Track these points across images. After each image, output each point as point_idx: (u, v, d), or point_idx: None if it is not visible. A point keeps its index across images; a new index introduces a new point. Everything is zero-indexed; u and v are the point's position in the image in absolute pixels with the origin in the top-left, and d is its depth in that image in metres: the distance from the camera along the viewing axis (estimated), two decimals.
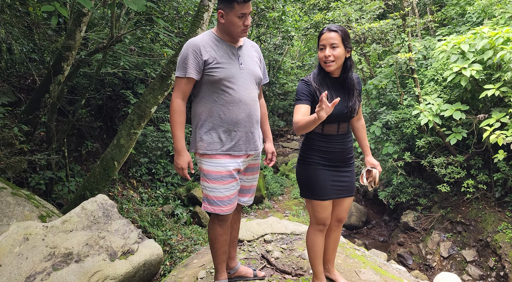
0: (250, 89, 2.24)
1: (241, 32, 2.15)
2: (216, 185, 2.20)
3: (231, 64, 2.17)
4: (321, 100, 1.90)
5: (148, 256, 2.86)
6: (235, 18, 2.09)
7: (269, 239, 3.39)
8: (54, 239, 2.64)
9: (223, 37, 2.21)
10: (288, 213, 8.70)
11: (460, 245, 6.46)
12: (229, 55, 2.19)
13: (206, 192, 2.23)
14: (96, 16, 6.96)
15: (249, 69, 2.24)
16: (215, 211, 2.22)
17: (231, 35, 2.18)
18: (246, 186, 2.45)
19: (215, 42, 2.18)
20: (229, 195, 2.23)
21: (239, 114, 2.19)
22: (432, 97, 6.53)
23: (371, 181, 2.50)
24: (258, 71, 2.31)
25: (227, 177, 2.21)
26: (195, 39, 2.16)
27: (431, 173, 7.17)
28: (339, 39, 2.20)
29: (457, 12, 8.06)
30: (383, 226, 8.70)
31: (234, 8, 2.06)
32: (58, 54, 5.22)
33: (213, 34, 2.21)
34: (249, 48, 2.34)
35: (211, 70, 2.12)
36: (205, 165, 2.20)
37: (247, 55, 2.28)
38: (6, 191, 3.56)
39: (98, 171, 5.02)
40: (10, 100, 5.88)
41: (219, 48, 2.17)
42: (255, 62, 2.32)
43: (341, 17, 8.53)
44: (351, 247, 3.49)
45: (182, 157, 2.16)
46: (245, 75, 2.21)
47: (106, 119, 7.77)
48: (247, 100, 2.21)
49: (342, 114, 2.31)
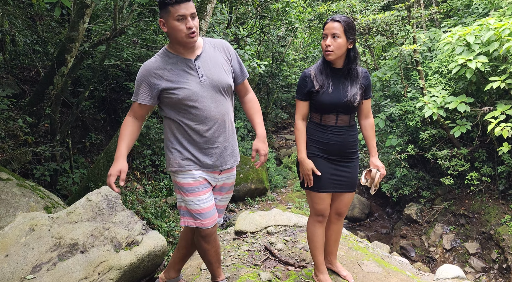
0: (217, 102, 2.10)
1: (186, 37, 1.96)
2: (192, 197, 2.12)
3: (189, 82, 2.03)
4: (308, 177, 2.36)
5: (153, 247, 2.89)
6: (174, 22, 1.93)
7: (272, 231, 3.41)
8: (60, 230, 2.67)
9: (176, 50, 2.06)
10: (291, 205, 8.74)
11: (463, 238, 6.47)
12: (186, 71, 2.05)
13: (184, 205, 2.16)
14: (99, 8, 6.94)
15: (212, 79, 2.08)
16: (196, 225, 2.14)
17: (180, 43, 2.01)
18: (220, 205, 2.34)
19: (169, 60, 2.05)
20: (206, 207, 2.13)
21: (207, 132, 2.09)
22: (436, 90, 6.48)
23: (370, 182, 2.42)
24: (225, 78, 2.13)
25: (202, 187, 2.14)
26: (148, 64, 2.06)
27: (435, 166, 7.16)
28: (341, 30, 2.22)
29: (463, 3, 7.96)
30: (386, 218, 8.72)
31: (170, 12, 1.92)
32: (61, 46, 5.21)
33: (166, 52, 2.08)
34: (211, 52, 2.14)
35: (169, 93, 2.02)
36: (178, 178, 2.14)
37: (209, 63, 2.10)
38: (11, 182, 3.59)
39: (102, 162, 5.05)
40: (14, 92, 5.90)
41: (173, 67, 2.04)
42: (220, 66, 2.13)
43: (345, 8, 8.46)
44: (354, 239, 3.51)
45: (116, 164, 2.02)
46: (208, 89, 2.07)
47: (109, 111, 7.79)
48: (214, 116, 2.09)
49: (340, 103, 2.30)
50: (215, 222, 2.18)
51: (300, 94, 2.40)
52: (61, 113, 6.51)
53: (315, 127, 2.41)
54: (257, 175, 8.78)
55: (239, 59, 2.26)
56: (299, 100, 2.42)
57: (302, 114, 2.42)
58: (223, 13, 6.87)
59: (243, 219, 3.60)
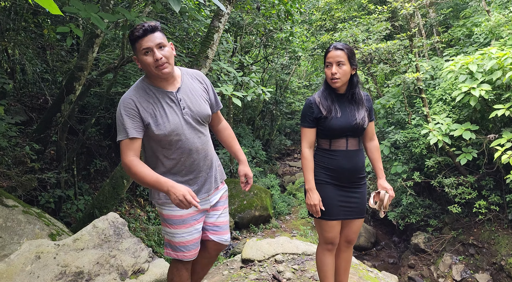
0: (199, 133, 2.09)
1: (157, 69, 1.91)
2: (178, 229, 2.09)
3: (173, 114, 1.99)
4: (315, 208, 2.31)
5: (159, 275, 2.82)
6: (142, 57, 1.90)
7: (280, 259, 3.34)
8: (66, 258, 2.62)
9: (156, 83, 2.01)
10: (295, 233, 8.60)
11: (473, 268, 6.31)
12: (168, 104, 1.99)
13: (168, 237, 2.14)
14: (108, 37, 7.12)
15: (193, 111, 2.05)
16: (178, 257, 2.13)
17: (154, 76, 1.97)
18: (223, 221, 2.31)
19: (150, 93, 1.99)
20: (192, 239, 2.12)
21: (192, 163, 2.07)
22: (441, 117, 6.52)
23: (380, 205, 2.38)
24: (205, 109, 2.11)
25: (189, 219, 2.10)
26: (128, 96, 1.97)
27: (441, 193, 7.08)
28: (345, 57, 2.26)
29: (464, 33, 8.13)
30: (392, 247, 8.55)
31: (136, 48, 1.91)
32: (70, 74, 5.31)
33: (146, 84, 2.01)
34: (189, 83, 2.12)
35: (153, 127, 1.95)
36: (165, 210, 2.09)
37: (189, 95, 2.07)
38: (17, 209, 3.56)
39: (107, 189, 5.03)
40: (22, 119, 5.96)
41: (155, 100, 1.98)
42: (199, 98, 2.11)
43: (348, 37, 8.64)
44: (364, 269, 3.43)
45: (179, 187, 1.86)
46: (190, 121, 2.04)
47: (114, 138, 7.80)
48: (198, 147, 2.07)
49: (349, 126, 2.31)
50: (196, 255, 2.19)
51: (306, 122, 2.38)
52: (67, 140, 6.55)
53: (324, 154, 2.39)
54: (261, 201, 8.70)
55: (214, 90, 2.27)
56: (305, 128, 2.39)
57: (309, 142, 2.39)
58: (229, 42, 7.03)
59: (250, 246, 3.53)
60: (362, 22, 9.03)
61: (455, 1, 9.61)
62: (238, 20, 9.26)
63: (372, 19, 8.82)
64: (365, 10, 10.51)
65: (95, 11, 2.98)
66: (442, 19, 9.55)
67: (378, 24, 8.60)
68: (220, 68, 5.62)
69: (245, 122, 13.70)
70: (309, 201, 2.34)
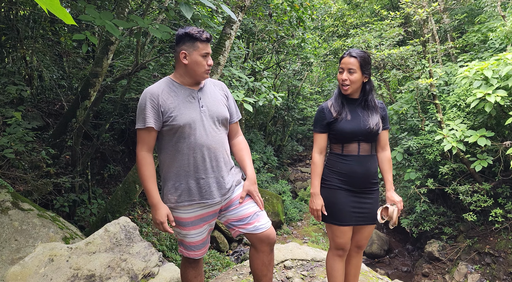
0: (214, 132, 2.13)
1: (205, 72, 2.09)
2: (188, 231, 2.17)
3: (191, 109, 2.08)
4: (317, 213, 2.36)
5: (169, 279, 2.85)
6: (199, 58, 2.04)
7: (289, 265, 3.33)
8: (78, 261, 2.67)
9: (183, 81, 2.13)
10: (307, 239, 8.55)
11: (490, 278, 6.17)
12: (189, 99, 2.10)
13: (180, 237, 2.24)
14: (123, 45, 7.25)
15: (211, 110, 2.13)
16: (190, 256, 2.26)
17: (194, 76, 2.10)
18: (246, 213, 2.21)
19: (173, 88, 2.10)
20: (200, 239, 2.23)
21: (204, 160, 2.10)
22: (455, 123, 6.43)
23: (388, 220, 2.34)
24: (223, 111, 2.19)
25: (199, 221, 2.17)
26: (152, 88, 2.08)
27: (456, 201, 6.96)
28: (357, 65, 2.28)
29: (478, 39, 8.03)
30: (406, 255, 8.42)
31: (198, 48, 2.03)
32: (85, 81, 5.42)
33: (171, 81, 2.13)
34: (211, 88, 2.24)
35: (171, 118, 2.04)
36: (174, 213, 2.15)
37: (209, 96, 2.18)
38: (32, 213, 3.64)
39: (120, 193, 5.10)
40: (39, 125, 6.10)
41: (177, 94, 2.09)
42: (219, 101, 2.20)
43: (360, 43, 8.62)
44: (374, 276, 3.39)
45: (159, 210, 2.05)
46: (207, 118, 2.11)
47: (128, 143, 7.94)
48: (211, 144, 2.11)
49: (361, 131, 2.32)
50: (204, 253, 2.32)
51: (318, 127, 2.41)
52: (82, 145, 6.67)
53: (337, 158, 2.39)
54: (273, 207, 8.69)
55: (234, 100, 2.35)
56: (317, 133, 2.42)
57: (320, 147, 2.42)
58: (241, 48, 7.08)
59: None
60: (374, 28, 9.01)
61: (470, 6, 9.51)
62: (251, 27, 9.34)
63: (384, 25, 8.79)
64: (377, 16, 10.49)
65: (109, 19, 3.05)
66: (457, 25, 9.45)
67: (390, 30, 8.56)
68: (231, 74, 5.67)
69: (257, 128, 13.74)
70: (312, 205, 2.40)
